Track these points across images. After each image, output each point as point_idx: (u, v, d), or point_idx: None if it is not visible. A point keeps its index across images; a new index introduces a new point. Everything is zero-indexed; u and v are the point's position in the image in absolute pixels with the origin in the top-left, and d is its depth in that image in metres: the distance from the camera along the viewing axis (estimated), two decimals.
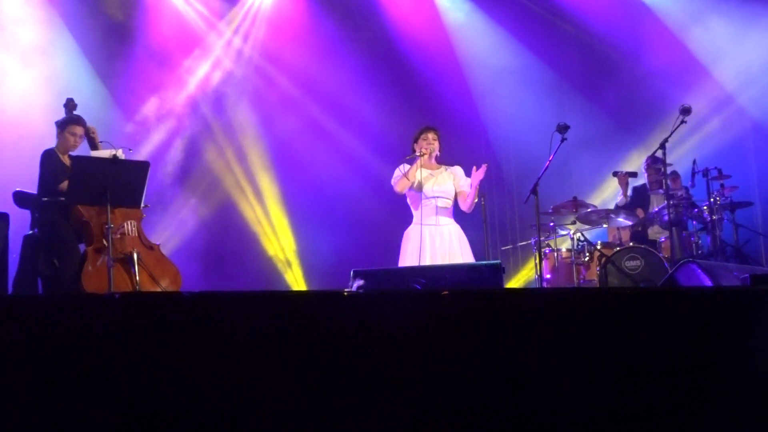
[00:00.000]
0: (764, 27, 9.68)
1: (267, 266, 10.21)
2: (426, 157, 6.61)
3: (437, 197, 6.59)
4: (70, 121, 6.56)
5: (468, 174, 6.68)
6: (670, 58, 10.04)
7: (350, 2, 10.58)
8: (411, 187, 6.61)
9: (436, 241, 6.48)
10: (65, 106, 6.73)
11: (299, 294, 3.26)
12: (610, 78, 10.53)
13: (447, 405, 2.80)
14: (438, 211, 6.58)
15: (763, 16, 9.73)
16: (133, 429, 2.71)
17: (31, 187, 6.72)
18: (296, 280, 10.12)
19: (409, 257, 6.48)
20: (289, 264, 10.18)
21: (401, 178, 6.60)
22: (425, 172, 6.62)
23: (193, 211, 9.85)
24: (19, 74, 8.98)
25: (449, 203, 6.67)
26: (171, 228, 9.59)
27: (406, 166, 6.64)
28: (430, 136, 6.71)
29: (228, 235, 10.07)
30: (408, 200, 6.74)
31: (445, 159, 6.86)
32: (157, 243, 6.69)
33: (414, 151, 6.68)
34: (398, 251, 6.68)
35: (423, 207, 6.58)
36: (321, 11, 10.46)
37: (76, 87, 8.58)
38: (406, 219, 6.77)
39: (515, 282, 10.34)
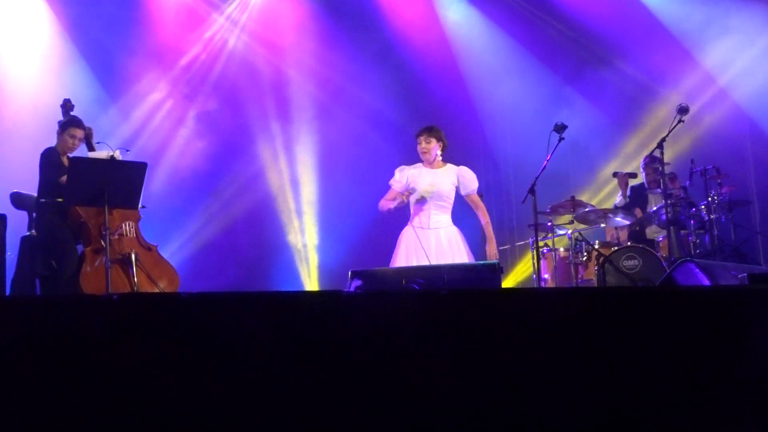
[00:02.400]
0: (762, 25, 9.69)
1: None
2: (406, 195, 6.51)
3: (432, 199, 6.47)
4: (70, 123, 6.54)
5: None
6: (669, 57, 10.05)
7: (348, 0, 10.59)
8: (406, 188, 6.54)
9: (431, 244, 6.35)
10: (62, 106, 6.72)
11: (297, 294, 3.25)
12: (608, 77, 10.53)
13: (445, 404, 2.80)
14: (432, 213, 6.47)
15: (761, 15, 9.74)
16: (131, 430, 2.71)
17: (29, 188, 6.71)
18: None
19: (401, 259, 6.36)
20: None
21: (383, 201, 6.55)
22: (423, 172, 6.55)
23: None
24: (16, 75, 8.98)
25: (446, 204, 6.54)
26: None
27: (404, 171, 6.55)
28: (422, 139, 6.57)
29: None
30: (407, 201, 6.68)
31: (442, 158, 6.77)
32: (155, 244, 6.68)
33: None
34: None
35: (418, 208, 6.50)
36: (318, 9, 10.47)
37: (73, 87, 8.58)
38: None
39: (513, 282, 10.34)
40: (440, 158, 6.66)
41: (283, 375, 2.80)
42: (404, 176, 6.60)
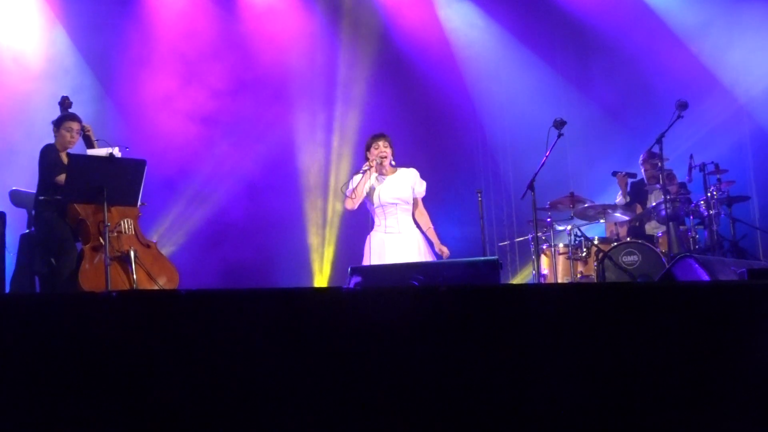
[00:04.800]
0: (761, 22, 9.69)
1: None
2: (373, 168, 6.47)
3: (395, 203, 6.47)
4: (65, 117, 6.55)
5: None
6: (668, 53, 10.06)
7: None
8: (367, 196, 6.53)
9: (400, 250, 6.34)
10: (60, 104, 6.73)
11: (297, 291, 3.26)
12: (608, 73, 10.54)
13: (445, 401, 2.80)
14: (399, 218, 6.47)
15: (759, 11, 9.74)
16: (130, 428, 2.71)
17: (27, 186, 6.71)
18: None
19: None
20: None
21: (348, 198, 6.50)
22: (380, 178, 6.52)
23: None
24: (14, 73, 8.96)
25: (408, 207, 6.54)
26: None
27: (357, 179, 6.49)
28: (381, 144, 6.52)
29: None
30: (368, 208, 6.65)
31: (441, 155, 6.81)
32: (154, 241, 6.67)
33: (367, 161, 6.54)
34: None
35: (382, 215, 6.47)
36: (317, 7, 10.46)
37: (71, 85, 8.57)
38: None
39: (516, 279, 10.36)
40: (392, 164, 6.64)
41: (283, 371, 2.81)
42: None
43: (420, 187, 6.62)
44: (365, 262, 6.44)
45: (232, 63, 10.20)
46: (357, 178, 6.51)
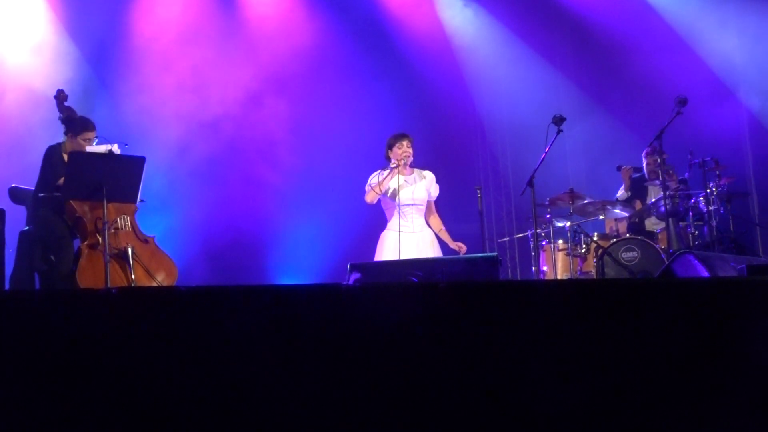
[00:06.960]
0: (761, 18, 9.69)
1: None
2: (400, 167, 6.53)
3: (413, 204, 6.56)
4: (85, 128, 6.43)
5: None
6: (667, 49, 10.05)
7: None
8: (385, 194, 6.55)
9: (414, 249, 6.41)
10: (56, 98, 6.68)
11: (296, 288, 3.26)
12: (607, 70, 10.54)
13: (444, 397, 2.80)
14: (414, 218, 6.57)
15: (759, 7, 9.74)
16: (129, 425, 2.71)
17: (25, 183, 6.68)
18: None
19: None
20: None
21: (370, 191, 6.54)
22: (400, 179, 6.55)
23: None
24: (11, 70, 8.95)
25: (422, 208, 6.65)
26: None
27: (382, 174, 6.56)
28: (405, 143, 6.59)
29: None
30: (383, 206, 6.67)
31: (440, 151, 6.83)
32: (152, 236, 6.64)
33: (389, 160, 6.60)
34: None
35: (399, 214, 6.52)
36: (316, 4, 10.45)
37: (68, 78, 8.55)
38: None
39: (516, 276, 10.37)
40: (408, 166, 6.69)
41: (283, 368, 2.80)
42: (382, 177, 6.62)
43: (435, 190, 6.73)
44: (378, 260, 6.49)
45: (229, 63, 10.17)
46: (381, 174, 6.53)
